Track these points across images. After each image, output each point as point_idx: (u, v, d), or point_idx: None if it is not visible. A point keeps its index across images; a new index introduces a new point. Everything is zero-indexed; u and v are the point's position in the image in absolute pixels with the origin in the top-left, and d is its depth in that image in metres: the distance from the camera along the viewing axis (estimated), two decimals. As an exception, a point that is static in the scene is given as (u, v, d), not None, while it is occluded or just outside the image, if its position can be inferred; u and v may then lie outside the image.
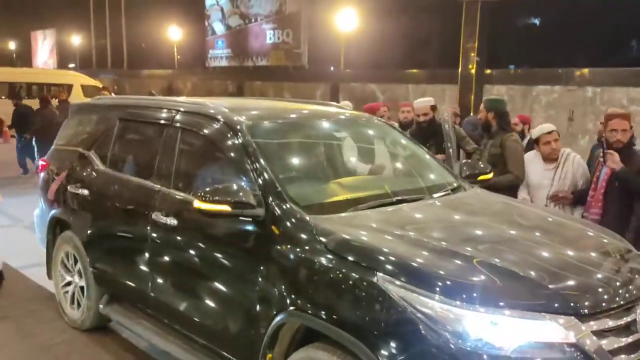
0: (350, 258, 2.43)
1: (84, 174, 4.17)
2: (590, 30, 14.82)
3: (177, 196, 3.30)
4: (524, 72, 13.53)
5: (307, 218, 2.68)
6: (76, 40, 33.88)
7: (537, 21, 18.01)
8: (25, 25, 36.40)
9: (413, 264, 2.35)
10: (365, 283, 2.33)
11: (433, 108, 5.69)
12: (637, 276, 2.55)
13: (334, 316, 2.39)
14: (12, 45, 41.66)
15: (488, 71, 13.78)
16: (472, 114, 11.46)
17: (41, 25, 35.82)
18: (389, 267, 2.33)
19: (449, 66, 14.66)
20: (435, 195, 3.25)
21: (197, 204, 2.74)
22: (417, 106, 5.70)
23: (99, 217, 3.99)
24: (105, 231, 3.93)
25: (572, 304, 2.24)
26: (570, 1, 14.37)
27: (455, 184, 3.49)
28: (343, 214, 2.80)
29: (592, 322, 2.23)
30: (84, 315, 4.16)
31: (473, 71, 13.67)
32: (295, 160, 3.45)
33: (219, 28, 24.20)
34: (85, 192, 4.06)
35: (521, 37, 16.86)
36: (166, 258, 3.34)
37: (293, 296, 2.57)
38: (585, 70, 12.28)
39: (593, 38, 14.83)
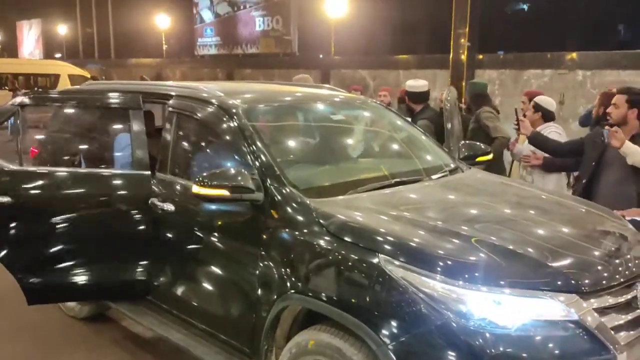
0: (351, 240, 2.42)
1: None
2: (578, 15, 14.83)
3: (174, 182, 3.27)
4: (515, 57, 13.54)
5: (307, 201, 2.66)
6: (62, 30, 33.49)
7: (526, 6, 18.02)
8: (11, 16, 35.94)
9: (414, 244, 2.35)
10: (366, 264, 2.33)
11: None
12: (636, 253, 2.57)
13: (335, 298, 2.39)
14: (-3, 35, 41.10)
15: (480, 56, 13.78)
16: (463, 99, 11.45)
17: (26, 15, 35.37)
18: (390, 248, 2.32)
19: (440, 51, 14.64)
20: (433, 177, 3.25)
21: (196, 189, 2.71)
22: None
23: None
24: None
25: (573, 282, 2.25)
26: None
27: (452, 165, 3.49)
28: (342, 197, 2.79)
29: (593, 300, 2.24)
30: (81, 303, 4.13)
31: (464, 56, 13.65)
32: (293, 144, 3.42)
33: (207, 16, 24.03)
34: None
35: (511, 22, 16.85)
36: (164, 244, 3.31)
37: (293, 279, 2.56)
38: (574, 55, 12.31)
39: (581, 23, 14.85)
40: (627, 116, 3.85)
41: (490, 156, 3.77)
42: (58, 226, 3.44)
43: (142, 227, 3.34)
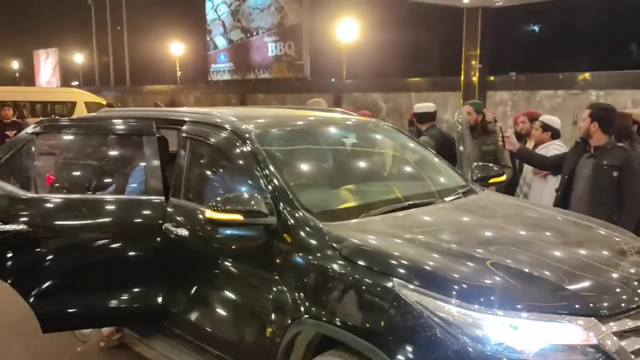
0: (364, 264, 2.41)
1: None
2: (590, 35, 14.82)
3: (187, 207, 3.29)
4: (527, 78, 13.53)
5: (320, 225, 2.66)
6: (79, 58, 34.14)
7: (537, 27, 18.08)
8: (28, 45, 36.73)
9: (428, 268, 2.33)
10: (380, 288, 2.31)
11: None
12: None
13: (350, 323, 2.37)
14: (15, 64, 41.96)
15: (491, 78, 13.78)
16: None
17: (43, 44, 36.13)
18: (404, 272, 2.31)
19: (451, 74, 14.68)
20: (446, 199, 3.24)
21: (209, 213, 2.72)
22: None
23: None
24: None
25: (591, 305, 2.21)
26: (569, 7, 14.41)
27: (466, 187, 3.47)
28: (355, 220, 2.79)
29: (612, 323, 2.20)
30: (95, 329, 4.13)
31: (475, 78, 13.68)
32: (306, 167, 3.43)
33: (220, 42, 24.36)
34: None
35: (522, 44, 16.88)
36: (179, 269, 3.31)
37: (307, 304, 2.55)
38: (587, 75, 12.27)
39: (593, 43, 14.84)
40: (590, 129, 4.09)
41: (503, 177, 3.77)
42: (73, 253, 3.45)
43: (156, 253, 3.35)
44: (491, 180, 3.68)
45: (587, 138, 4.15)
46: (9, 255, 3.44)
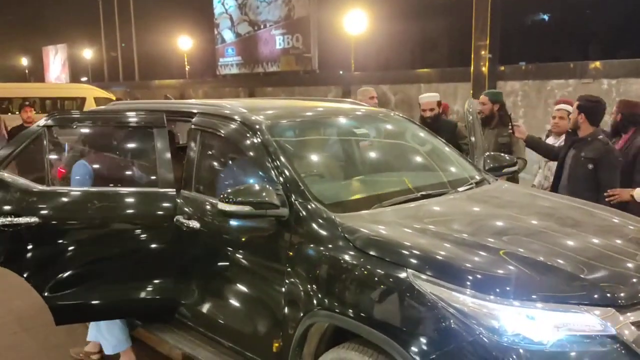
0: (377, 255, 2.39)
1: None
2: (600, 24, 14.66)
3: (198, 199, 3.28)
4: (537, 67, 13.40)
5: (333, 216, 2.64)
6: (87, 54, 34.26)
7: (546, 16, 17.91)
8: (37, 41, 36.92)
9: (443, 259, 2.30)
10: (393, 279, 2.29)
11: (438, 104, 5.64)
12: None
13: (363, 314, 2.35)
14: (24, 61, 42.20)
15: (502, 68, 13.67)
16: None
17: (52, 41, 36.31)
18: (418, 262, 2.29)
19: (461, 64, 14.58)
20: (459, 190, 3.21)
21: (221, 205, 2.71)
22: (423, 101, 5.62)
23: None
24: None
25: (608, 295, 2.19)
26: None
27: (478, 177, 3.44)
28: (368, 211, 2.77)
29: (630, 313, 2.18)
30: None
31: (485, 69, 13.56)
32: (317, 158, 3.41)
33: (228, 36, 24.35)
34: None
35: (532, 33, 16.73)
36: (190, 262, 3.31)
37: (320, 296, 2.53)
38: (598, 63, 12.13)
39: (604, 31, 14.67)
40: (577, 121, 4.19)
41: (516, 167, 3.74)
42: (85, 245, 3.45)
43: (168, 245, 3.35)
44: (503, 170, 3.65)
45: (575, 130, 4.25)
46: (22, 247, 3.44)
